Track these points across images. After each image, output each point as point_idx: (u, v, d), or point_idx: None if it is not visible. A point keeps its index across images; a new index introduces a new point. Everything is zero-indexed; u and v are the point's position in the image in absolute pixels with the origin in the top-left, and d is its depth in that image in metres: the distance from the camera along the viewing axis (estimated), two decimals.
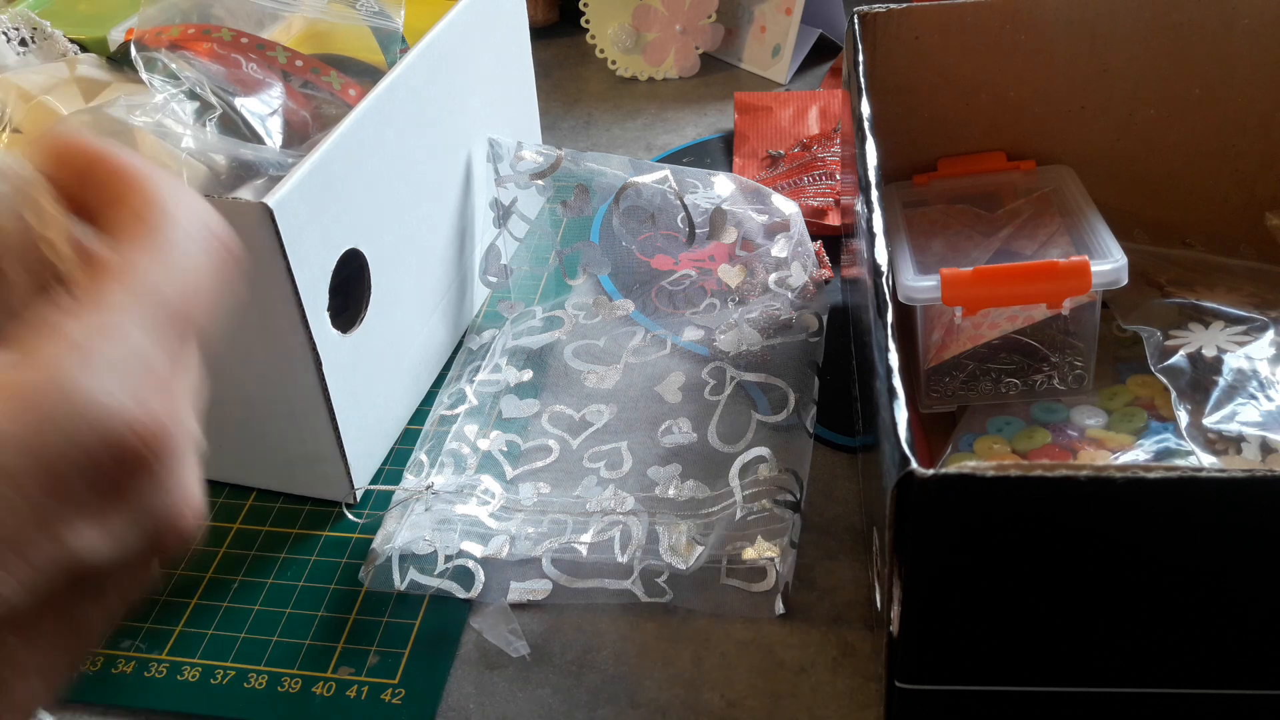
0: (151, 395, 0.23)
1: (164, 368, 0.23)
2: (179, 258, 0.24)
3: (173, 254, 0.24)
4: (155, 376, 0.23)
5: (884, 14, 0.57)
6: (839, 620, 0.49)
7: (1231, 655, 0.36)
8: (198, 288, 0.25)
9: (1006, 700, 0.38)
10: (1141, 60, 0.58)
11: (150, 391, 0.23)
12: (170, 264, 0.24)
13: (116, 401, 0.22)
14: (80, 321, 0.22)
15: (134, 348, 0.23)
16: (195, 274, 0.25)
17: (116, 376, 0.22)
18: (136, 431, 0.22)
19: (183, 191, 0.26)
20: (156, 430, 0.23)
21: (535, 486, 0.56)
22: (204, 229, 0.25)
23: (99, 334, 0.22)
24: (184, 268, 0.24)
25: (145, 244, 0.24)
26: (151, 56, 0.55)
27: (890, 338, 0.37)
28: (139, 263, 0.24)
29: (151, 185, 0.25)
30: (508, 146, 0.66)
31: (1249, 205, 0.60)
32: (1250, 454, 0.45)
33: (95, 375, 0.22)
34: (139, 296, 0.23)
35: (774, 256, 0.64)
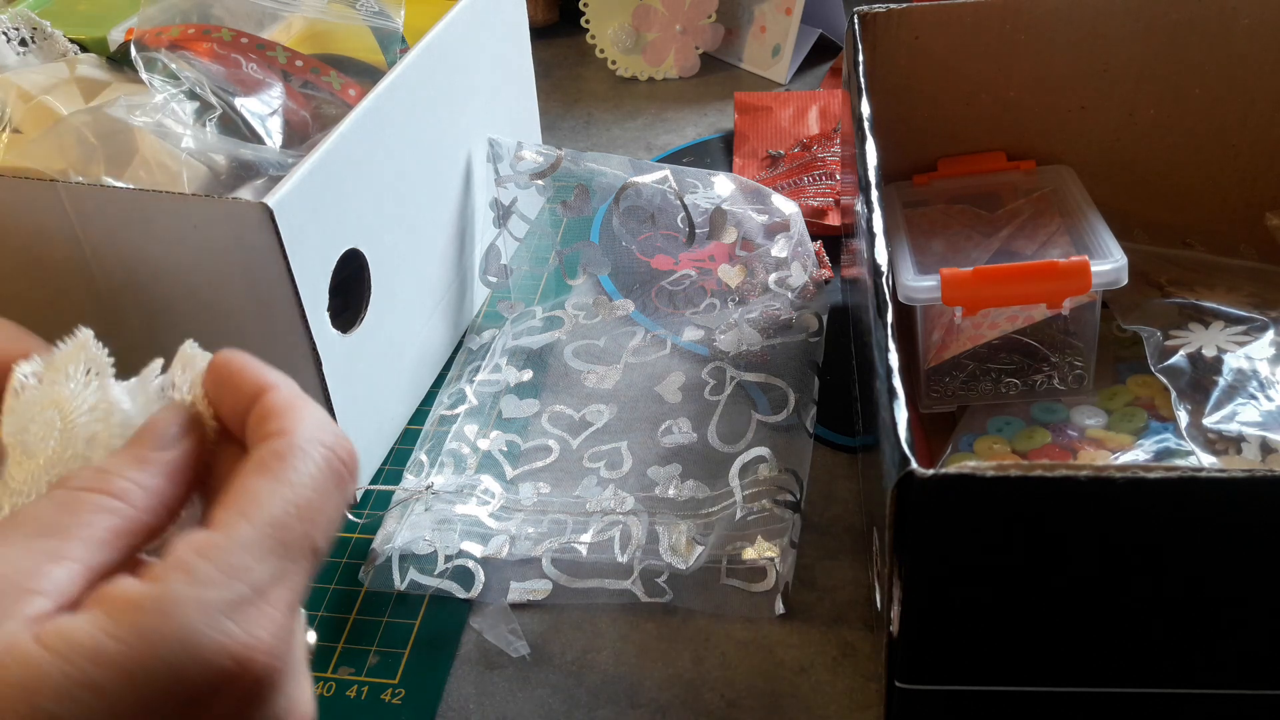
0: (263, 628, 0.25)
1: (279, 597, 0.25)
2: (305, 491, 0.27)
3: (299, 488, 0.27)
4: (269, 607, 0.25)
5: (884, 14, 0.57)
6: (839, 620, 0.49)
7: (1231, 655, 0.36)
8: (319, 514, 0.27)
9: (1006, 700, 0.38)
10: (1141, 60, 0.58)
11: (262, 624, 0.25)
12: (295, 497, 0.26)
13: (226, 640, 0.24)
14: (206, 561, 0.24)
15: (252, 583, 0.25)
16: (318, 502, 0.27)
17: (230, 614, 0.24)
18: (243, 666, 0.24)
19: (311, 414, 0.28)
20: (263, 664, 0.24)
21: (535, 486, 0.56)
22: (329, 455, 0.28)
23: (221, 572, 0.24)
24: (307, 500, 0.27)
25: (276, 477, 0.27)
26: (151, 56, 0.55)
27: (890, 338, 0.37)
28: (268, 497, 0.26)
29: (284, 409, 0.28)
30: (508, 146, 0.66)
31: (1249, 205, 0.60)
32: (1250, 454, 0.45)
33: (209, 615, 0.24)
34: (263, 530, 0.25)
35: (774, 256, 0.64)
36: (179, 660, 0.23)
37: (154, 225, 0.46)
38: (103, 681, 0.22)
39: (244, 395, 0.29)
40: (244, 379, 0.29)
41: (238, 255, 0.46)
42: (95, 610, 0.24)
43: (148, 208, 0.46)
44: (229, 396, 0.29)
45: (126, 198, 0.46)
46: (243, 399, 0.29)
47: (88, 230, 0.47)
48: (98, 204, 0.46)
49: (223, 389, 0.30)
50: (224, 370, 0.30)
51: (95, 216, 0.47)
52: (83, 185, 0.46)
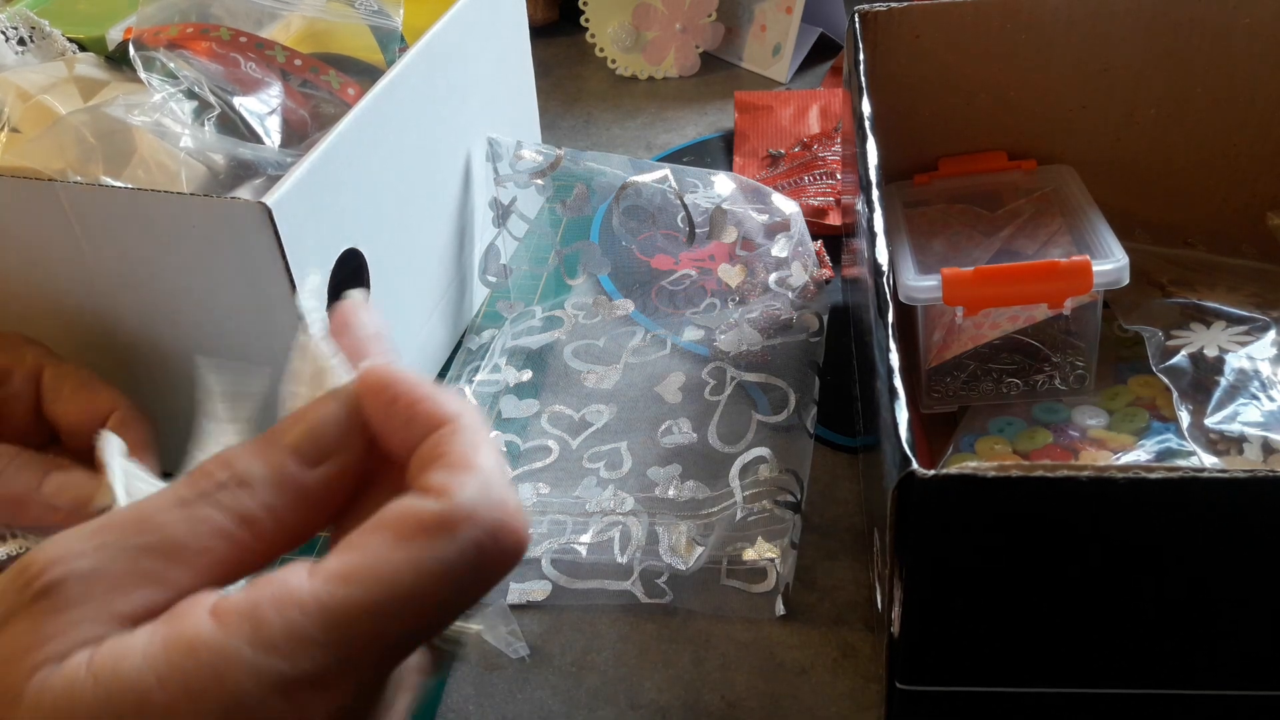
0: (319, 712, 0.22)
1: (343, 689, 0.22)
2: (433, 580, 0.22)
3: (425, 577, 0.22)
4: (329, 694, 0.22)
5: (884, 13, 0.57)
6: (839, 621, 0.49)
7: (1232, 655, 0.36)
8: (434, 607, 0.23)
9: (1007, 701, 0.38)
10: (1141, 60, 0.57)
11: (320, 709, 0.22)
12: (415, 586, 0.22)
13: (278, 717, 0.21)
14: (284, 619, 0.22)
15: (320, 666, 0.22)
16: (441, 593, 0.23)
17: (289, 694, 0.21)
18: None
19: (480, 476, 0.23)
20: None
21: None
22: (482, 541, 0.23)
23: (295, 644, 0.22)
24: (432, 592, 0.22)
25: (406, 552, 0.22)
26: (150, 55, 0.55)
27: (891, 338, 0.37)
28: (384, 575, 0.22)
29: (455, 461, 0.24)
30: (507, 146, 0.65)
31: (1250, 205, 0.60)
32: (1252, 454, 0.45)
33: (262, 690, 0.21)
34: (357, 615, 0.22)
35: (774, 256, 0.64)
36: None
37: (153, 225, 0.46)
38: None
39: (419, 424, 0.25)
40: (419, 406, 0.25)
41: (237, 255, 0.46)
42: (155, 635, 0.22)
43: (147, 207, 0.46)
44: (400, 426, 0.25)
45: (125, 197, 0.46)
46: (416, 430, 0.25)
47: (87, 230, 0.47)
48: (97, 204, 0.46)
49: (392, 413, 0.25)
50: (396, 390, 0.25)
51: (94, 216, 0.47)
52: (81, 185, 0.46)
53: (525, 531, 0.24)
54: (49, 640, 0.22)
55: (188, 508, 0.24)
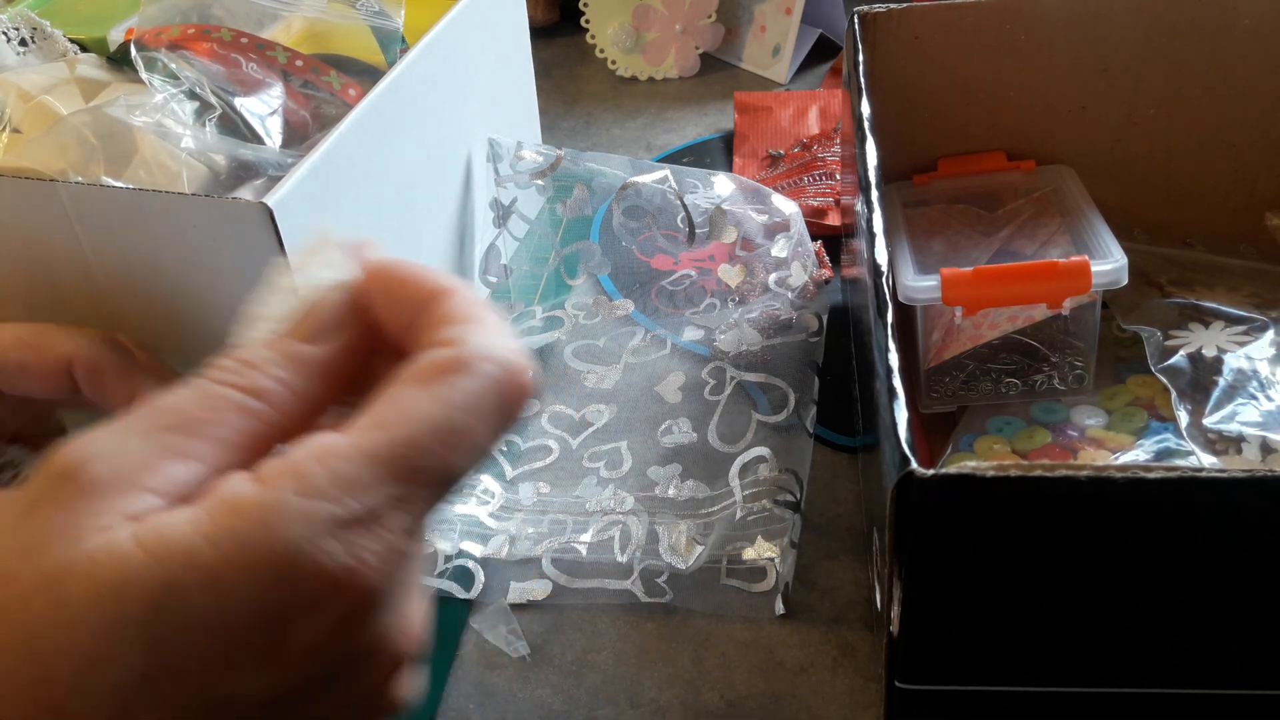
0: (371, 552, 0.22)
1: (397, 521, 0.23)
2: (458, 413, 0.24)
3: (453, 408, 0.24)
4: (383, 530, 0.23)
5: (884, 14, 0.57)
6: (839, 620, 0.49)
7: (1231, 655, 0.36)
8: (467, 440, 0.24)
9: (1007, 700, 0.38)
10: (1141, 60, 0.58)
11: (371, 548, 0.22)
12: (445, 418, 0.24)
13: (327, 561, 0.22)
14: (323, 469, 0.22)
15: (368, 503, 0.22)
16: (470, 428, 0.24)
17: (337, 533, 0.22)
18: (340, 590, 0.22)
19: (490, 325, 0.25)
20: (363, 588, 0.23)
21: (535, 486, 0.56)
22: (500, 377, 0.24)
23: (337, 486, 0.22)
24: (459, 423, 0.24)
25: (430, 391, 0.24)
26: (151, 56, 0.55)
27: (890, 338, 0.37)
28: (413, 413, 0.23)
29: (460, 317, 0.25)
30: (508, 146, 0.66)
31: (1249, 205, 0.60)
32: (1250, 454, 0.45)
33: (313, 531, 0.22)
34: (396, 448, 0.23)
35: (774, 256, 0.64)
36: (275, 574, 0.22)
37: (154, 225, 0.46)
38: (193, 591, 0.21)
39: (413, 300, 0.26)
40: (415, 283, 0.26)
41: (238, 255, 0.46)
42: (199, 509, 0.22)
43: (147, 208, 0.46)
44: (395, 302, 0.26)
45: (126, 198, 0.46)
46: (410, 304, 0.26)
47: (87, 230, 0.47)
48: (97, 204, 0.46)
49: (388, 293, 0.26)
50: (390, 274, 0.26)
51: (95, 216, 0.47)
52: (82, 185, 0.46)
53: (530, 372, 0.25)
54: (83, 518, 0.22)
55: (201, 390, 0.24)
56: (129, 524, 0.22)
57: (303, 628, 0.22)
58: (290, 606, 0.22)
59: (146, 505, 0.22)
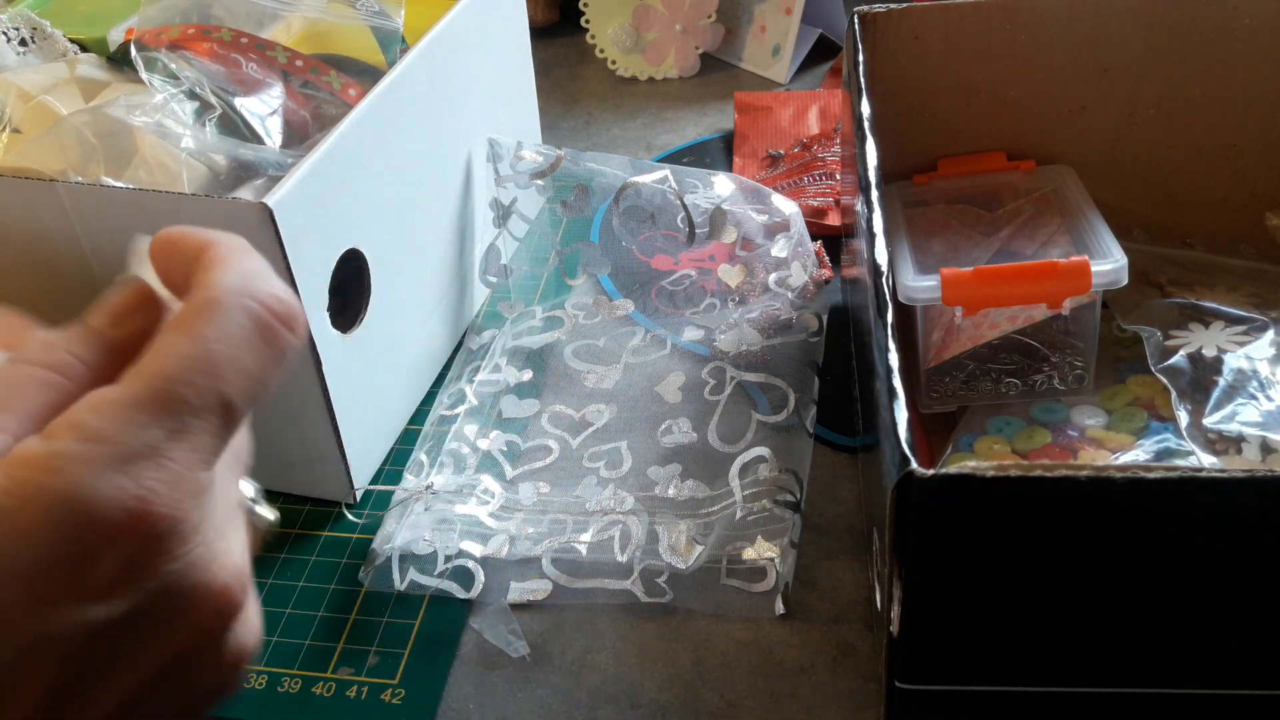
0: (158, 480, 0.25)
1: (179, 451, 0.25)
2: (213, 345, 0.26)
3: (207, 342, 0.26)
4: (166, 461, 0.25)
5: (884, 14, 0.57)
6: (839, 620, 0.49)
7: (1232, 655, 0.36)
8: (229, 369, 0.26)
9: (1006, 700, 0.38)
10: (1141, 60, 0.58)
11: (157, 477, 0.25)
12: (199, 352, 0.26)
13: (116, 492, 0.24)
14: (97, 417, 0.25)
15: (146, 439, 0.25)
16: (228, 356, 0.26)
17: (121, 468, 0.24)
18: (135, 518, 0.24)
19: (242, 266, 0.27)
20: (158, 514, 0.25)
21: (535, 486, 0.56)
22: (253, 309, 0.27)
23: (113, 428, 0.24)
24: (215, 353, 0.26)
25: (184, 332, 0.26)
26: (151, 56, 0.55)
27: (890, 338, 0.37)
28: (168, 353, 0.26)
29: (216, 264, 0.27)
30: (508, 146, 0.66)
31: (1249, 205, 0.60)
32: (1250, 454, 0.45)
33: (98, 469, 0.24)
34: (159, 385, 0.25)
35: (774, 256, 0.64)
36: (68, 512, 0.23)
37: (154, 225, 0.45)
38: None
39: (188, 260, 0.28)
40: (186, 243, 0.29)
41: None
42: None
43: (148, 208, 0.46)
44: (176, 266, 0.29)
45: (126, 198, 0.46)
46: (183, 264, 0.28)
47: (88, 230, 0.47)
48: (97, 204, 0.46)
49: (170, 260, 0.29)
50: (167, 240, 0.29)
51: (95, 216, 0.47)
52: (82, 185, 0.46)
53: (297, 305, 0.28)
54: None
55: (6, 369, 0.27)
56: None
57: (106, 559, 0.24)
58: (88, 540, 0.24)
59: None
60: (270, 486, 0.57)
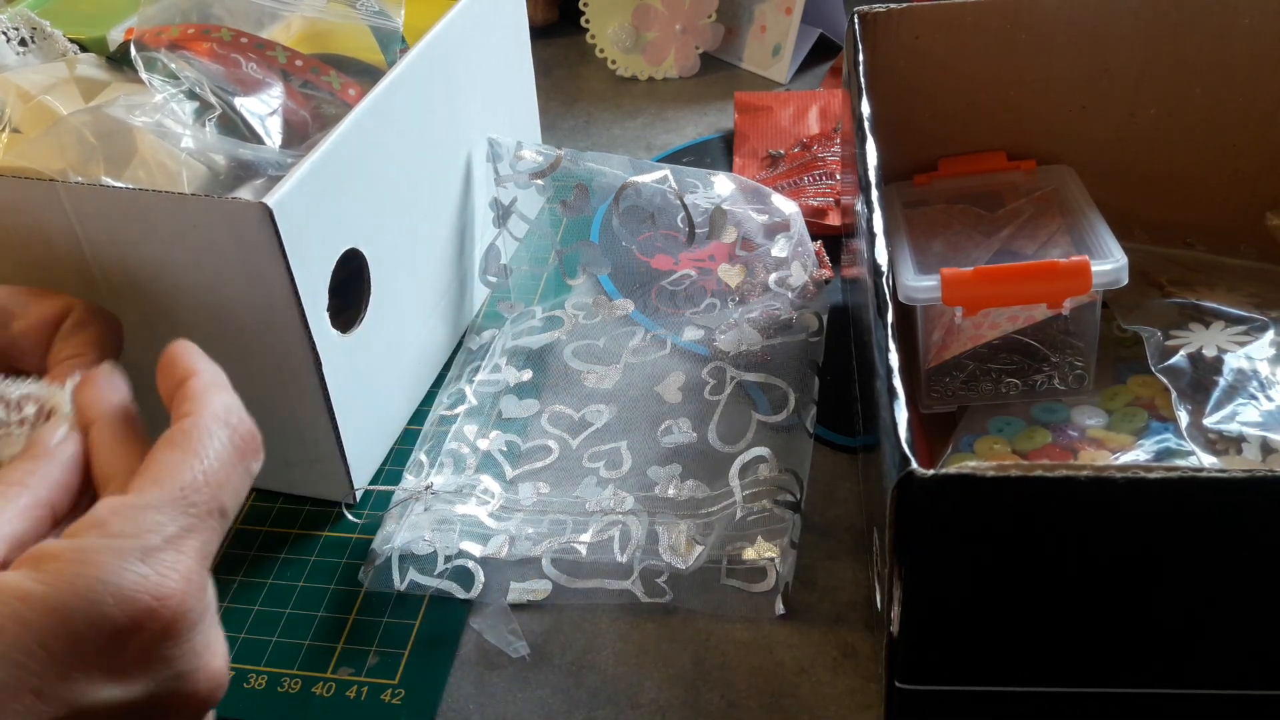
0: (176, 570, 0.29)
1: (190, 546, 0.29)
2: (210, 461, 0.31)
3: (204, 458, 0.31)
4: (181, 555, 0.29)
5: (884, 14, 0.57)
6: (839, 621, 0.49)
7: (1231, 655, 0.36)
8: (224, 481, 0.31)
9: (1006, 701, 0.38)
10: (1141, 60, 0.58)
11: (175, 568, 0.29)
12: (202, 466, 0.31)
13: (142, 580, 0.28)
14: (119, 517, 0.29)
15: (163, 535, 0.29)
16: (222, 472, 0.31)
17: (144, 560, 0.28)
18: (159, 602, 0.28)
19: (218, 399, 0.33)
20: (178, 601, 0.28)
21: (535, 486, 0.56)
22: (231, 433, 0.32)
23: (134, 526, 0.29)
24: (212, 468, 0.31)
25: (183, 449, 0.31)
26: (151, 56, 0.55)
27: (890, 338, 0.37)
28: (177, 465, 0.31)
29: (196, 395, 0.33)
30: (507, 146, 0.66)
31: (1249, 205, 0.60)
32: (1251, 454, 0.45)
33: (125, 560, 0.28)
34: (173, 492, 0.30)
35: (774, 256, 0.64)
36: (99, 597, 0.27)
37: (154, 225, 0.46)
38: (30, 616, 0.26)
39: (174, 380, 0.34)
40: (176, 365, 0.34)
41: (237, 255, 0.46)
42: (23, 566, 0.28)
43: (147, 208, 0.46)
44: (165, 380, 0.34)
45: (126, 198, 0.46)
46: (173, 383, 0.34)
47: (87, 230, 0.47)
48: (97, 204, 0.46)
49: (162, 374, 0.34)
50: (166, 358, 0.34)
51: (95, 216, 0.47)
52: (82, 185, 0.46)
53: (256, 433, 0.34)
54: None
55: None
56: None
57: (131, 641, 0.27)
58: (121, 625, 0.27)
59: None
60: (270, 486, 0.57)
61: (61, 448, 0.34)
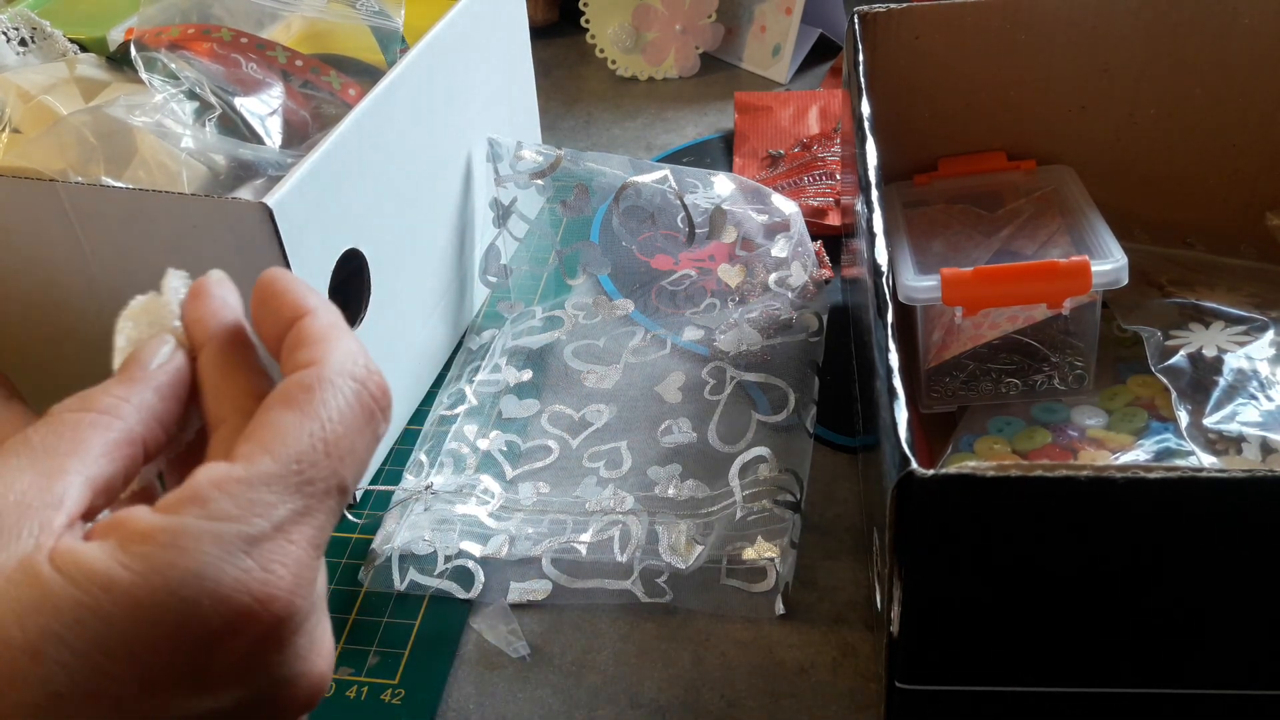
0: (285, 566, 0.24)
1: (302, 535, 0.24)
2: (332, 426, 0.25)
3: (326, 422, 0.25)
4: (291, 545, 0.24)
5: (884, 14, 0.57)
6: (839, 620, 0.49)
7: (1231, 655, 0.36)
8: (347, 450, 0.26)
9: (1006, 700, 0.38)
10: (1141, 60, 0.58)
11: (284, 562, 0.24)
12: (322, 432, 0.25)
13: (245, 577, 0.23)
14: (223, 494, 0.24)
15: (273, 519, 0.24)
16: (346, 438, 0.26)
17: (249, 550, 0.23)
18: (262, 605, 0.23)
19: (344, 344, 0.27)
20: (284, 603, 0.24)
21: (535, 486, 0.56)
22: (359, 390, 0.27)
23: (240, 507, 0.23)
24: (335, 435, 0.25)
25: (302, 410, 0.25)
26: (151, 56, 0.55)
27: (890, 338, 0.37)
28: (294, 431, 0.25)
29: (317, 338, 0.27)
30: (507, 146, 0.66)
31: (1249, 205, 0.60)
32: (1250, 454, 0.45)
33: (227, 550, 0.23)
34: (287, 465, 0.24)
35: (774, 256, 0.64)
36: (193, 596, 0.22)
37: (154, 225, 0.46)
38: (113, 611, 0.22)
39: (282, 319, 0.28)
40: (284, 302, 0.28)
41: (237, 255, 0.46)
42: (109, 539, 0.23)
43: (147, 208, 0.46)
44: (269, 319, 0.28)
45: (126, 198, 0.46)
46: (281, 323, 0.28)
47: (88, 230, 0.47)
48: (97, 204, 0.46)
49: (264, 309, 0.28)
50: (267, 290, 0.29)
51: (95, 216, 0.47)
52: (82, 185, 0.46)
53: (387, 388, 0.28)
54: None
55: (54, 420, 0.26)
56: (43, 547, 0.23)
57: (227, 647, 0.23)
58: (216, 627, 0.22)
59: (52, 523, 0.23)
60: None
61: (162, 370, 0.28)
